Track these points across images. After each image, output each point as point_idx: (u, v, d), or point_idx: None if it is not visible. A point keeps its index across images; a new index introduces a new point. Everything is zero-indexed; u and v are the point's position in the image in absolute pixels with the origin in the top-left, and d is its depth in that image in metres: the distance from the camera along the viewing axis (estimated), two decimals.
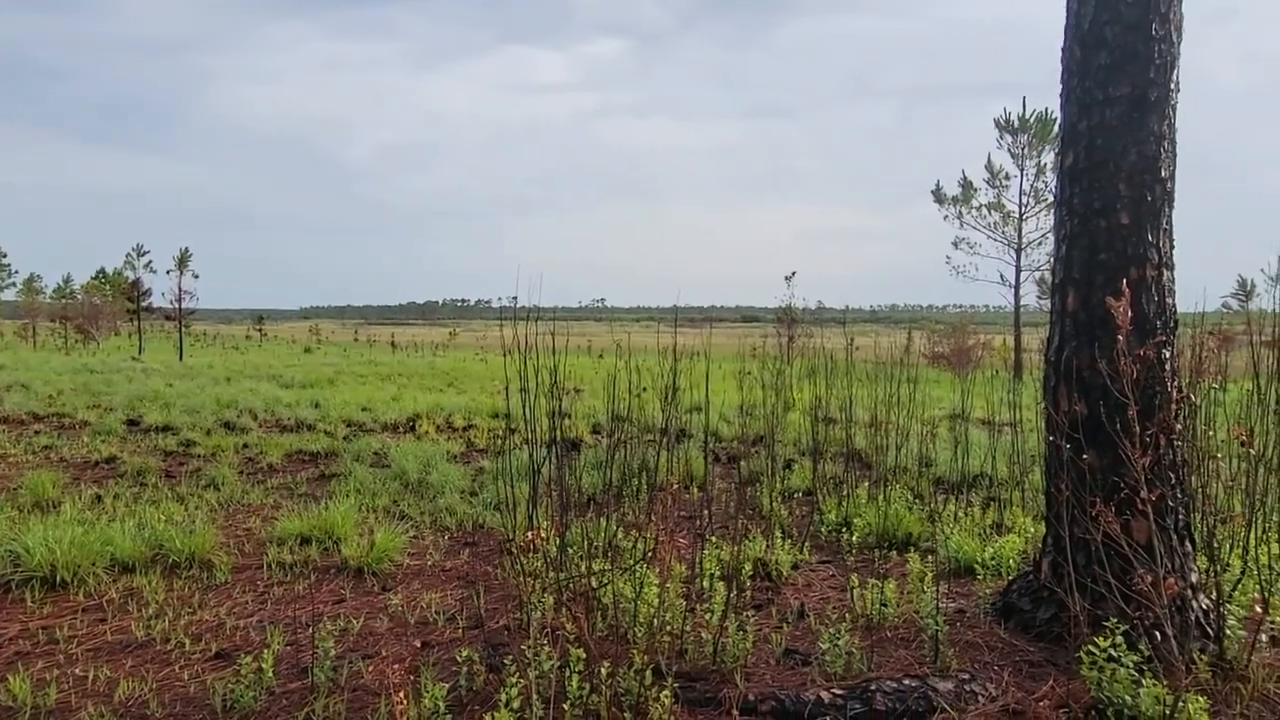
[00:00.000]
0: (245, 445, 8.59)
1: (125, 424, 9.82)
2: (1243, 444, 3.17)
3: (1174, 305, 3.51)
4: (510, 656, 3.14)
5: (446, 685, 2.96)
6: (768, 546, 4.66)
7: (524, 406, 4.58)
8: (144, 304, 36.33)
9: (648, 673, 2.87)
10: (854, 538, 5.10)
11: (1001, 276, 27.78)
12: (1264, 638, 3.28)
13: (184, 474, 7.09)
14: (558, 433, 4.30)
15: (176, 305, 32.47)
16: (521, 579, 4.00)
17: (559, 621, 3.45)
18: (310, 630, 3.52)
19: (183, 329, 32.30)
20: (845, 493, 5.93)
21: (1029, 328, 26.46)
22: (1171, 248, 3.49)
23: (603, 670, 2.83)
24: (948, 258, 28.60)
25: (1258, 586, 3.60)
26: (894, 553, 4.97)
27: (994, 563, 4.51)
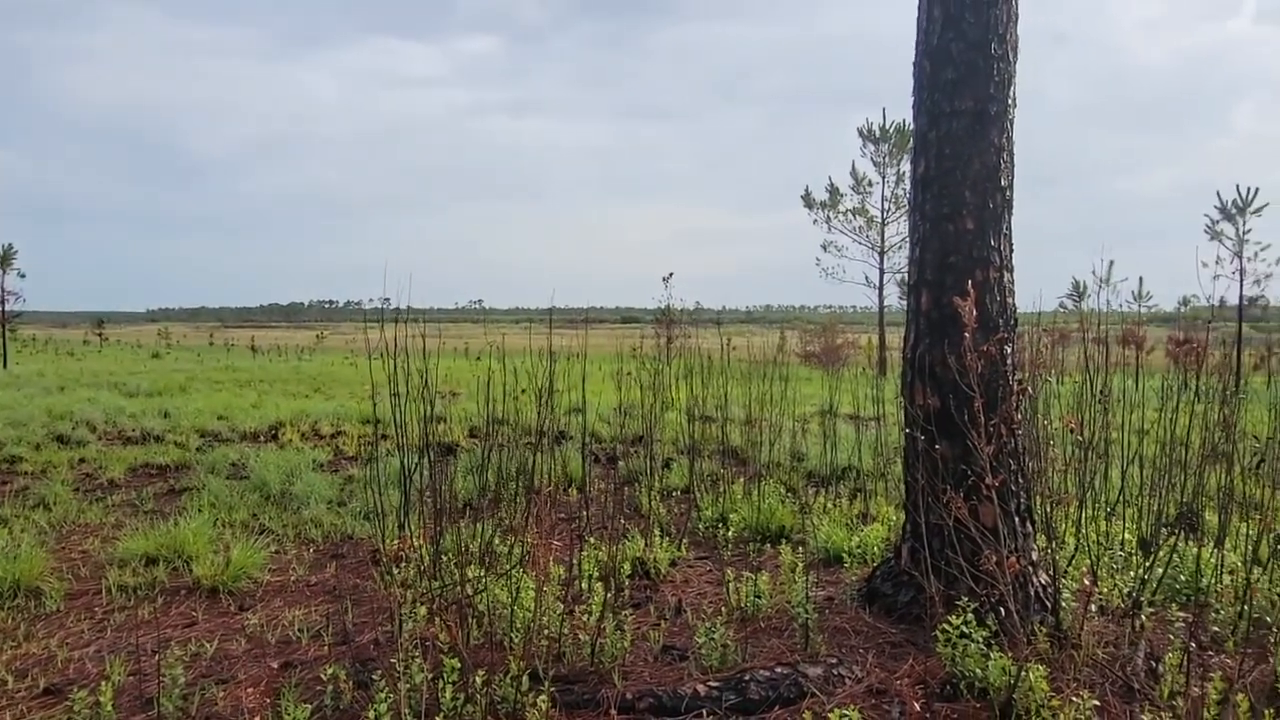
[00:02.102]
0: (82, 460, 7.85)
1: None
2: (1072, 431, 3.46)
3: (1014, 305, 3.79)
4: (380, 671, 3.01)
5: (310, 706, 2.81)
6: (646, 545, 4.70)
7: (395, 411, 4.42)
8: None
9: (524, 678, 2.83)
10: (730, 533, 5.21)
11: (866, 278, 29.33)
12: (1094, 608, 3.59)
13: (8, 493, 6.39)
14: (430, 437, 4.17)
15: None
16: (392, 589, 3.85)
17: (432, 632, 3.34)
18: (156, 657, 3.25)
19: (6, 333, 29.22)
20: (722, 489, 6.06)
21: (892, 327, 28.02)
22: (1011, 251, 3.77)
23: (477, 679, 2.76)
24: (817, 260, 29.93)
25: (1089, 561, 3.95)
26: (768, 545, 5.12)
27: (860, 551, 4.73)
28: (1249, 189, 26.02)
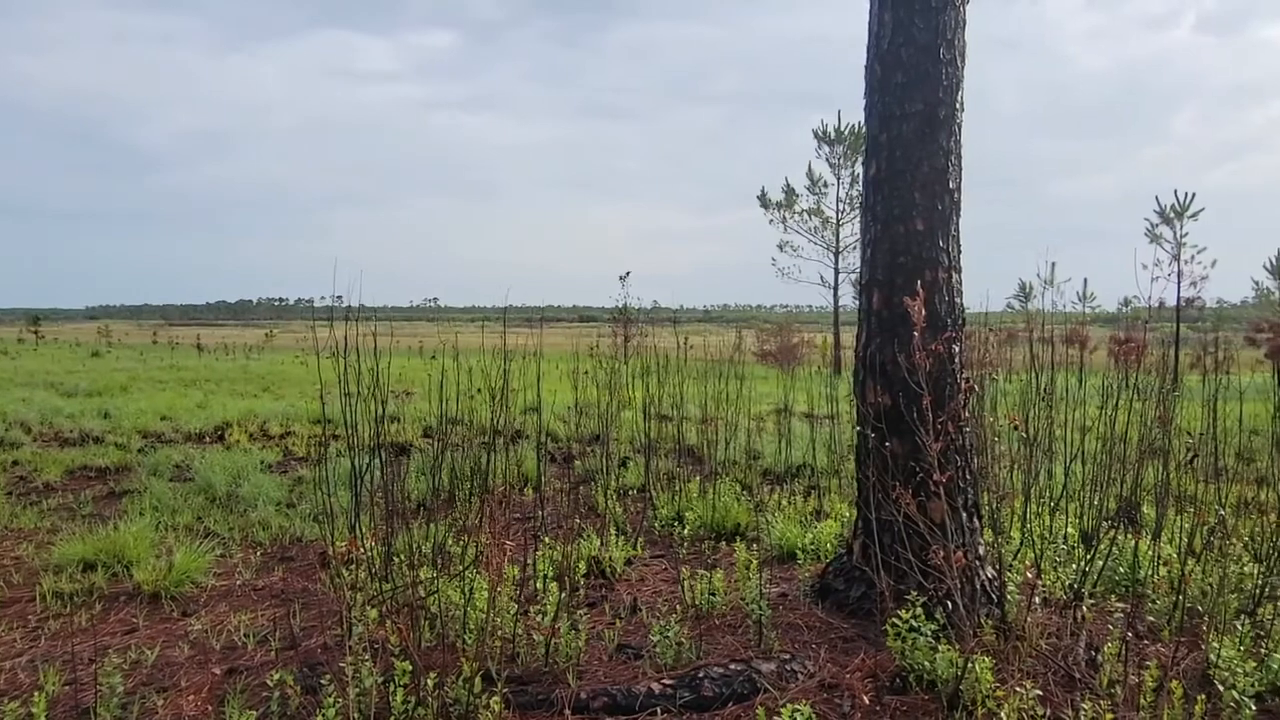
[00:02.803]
0: (15, 463, 7.55)
1: None
2: (1015, 428, 3.55)
3: (962, 304, 3.87)
4: (329, 676, 2.95)
5: (255, 713, 2.74)
6: (602, 544, 4.69)
7: (346, 410, 4.33)
8: None
9: (477, 680, 2.80)
10: (686, 531, 5.24)
11: (822, 278, 29.75)
12: (1037, 600, 3.68)
13: None
14: (381, 437, 4.10)
15: None
16: (342, 592, 3.78)
17: (383, 635, 3.28)
18: (93, 666, 3.14)
19: None
20: (678, 487, 6.08)
21: (847, 326, 28.46)
22: (959, 252, 3.84)
23: (429, 681, 2.72)
24: (773, 260, 30.27)
25: (1033, 554, 4.06)
26: (723, 543, 5.15)
27: (813, 547, 4.79)
28: (1186, 194, 27.03)
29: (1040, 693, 2.78)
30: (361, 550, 3.85)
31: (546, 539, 4.59)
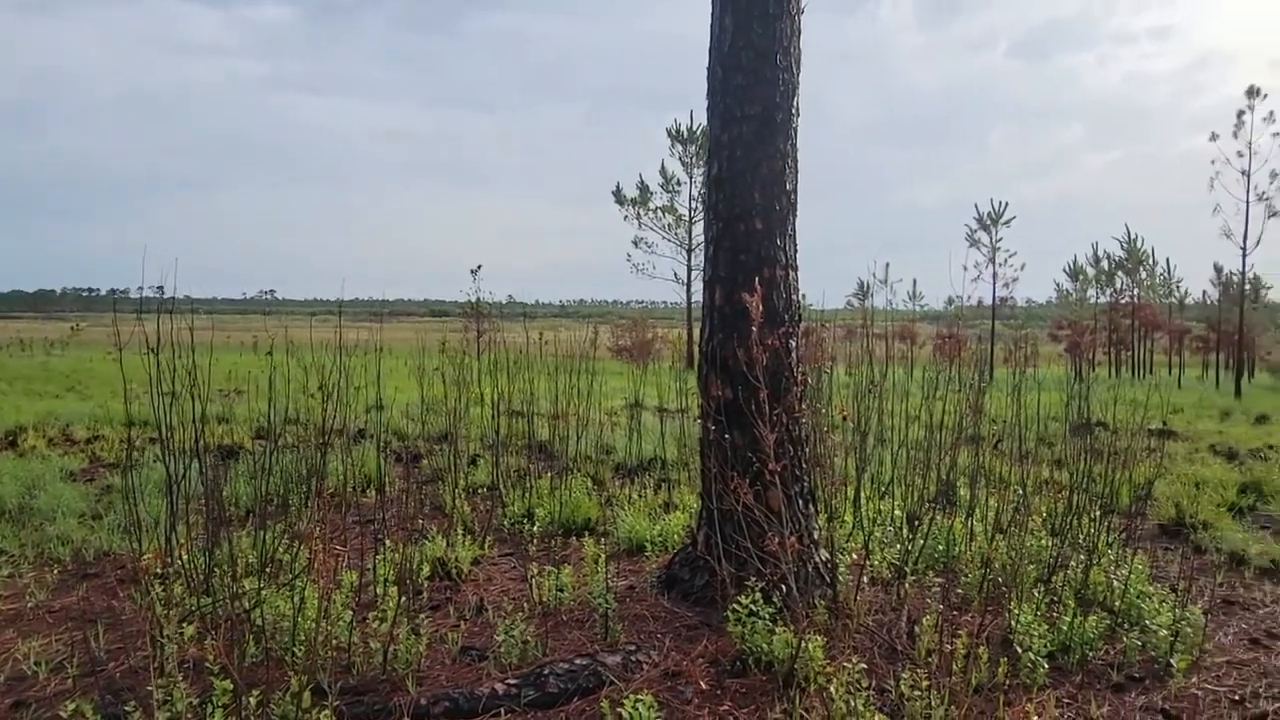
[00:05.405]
0: None
1: None
2: (845, 419, 3.75)
3: (799, 301, 4.05)
4: (135, 701, 2.68)
5: None
6: (448, 545, 4.55)
7: (159, 410, 3.95)
8: None
9: (306, 694, 2.63)
10: (536, 528, 5.18)
11: (675, 274, 30.41)
12: (866, 579, 3.93)
13: None
14: (202, 438, 3.78)
15: None
16: (151, 608, 3.45)
17: (201, 653, 3.03)
18: None
19: None
20: (529, 484, 6.01)
21: (700, 322, 29.25)
22: (796, 251, 4.02)
23: (252, 700, 2.53)
24: (628, 256, 30.62)
25: (863, 536, 4.32)
26: (574, 538, 5.14)
27: (662, 539, 4.87)
28: (1001, 203, 29.82)
29: (866, 666, 2.95)
30: (171, 563, 3.54)
31: (388, 541, 4.40)
